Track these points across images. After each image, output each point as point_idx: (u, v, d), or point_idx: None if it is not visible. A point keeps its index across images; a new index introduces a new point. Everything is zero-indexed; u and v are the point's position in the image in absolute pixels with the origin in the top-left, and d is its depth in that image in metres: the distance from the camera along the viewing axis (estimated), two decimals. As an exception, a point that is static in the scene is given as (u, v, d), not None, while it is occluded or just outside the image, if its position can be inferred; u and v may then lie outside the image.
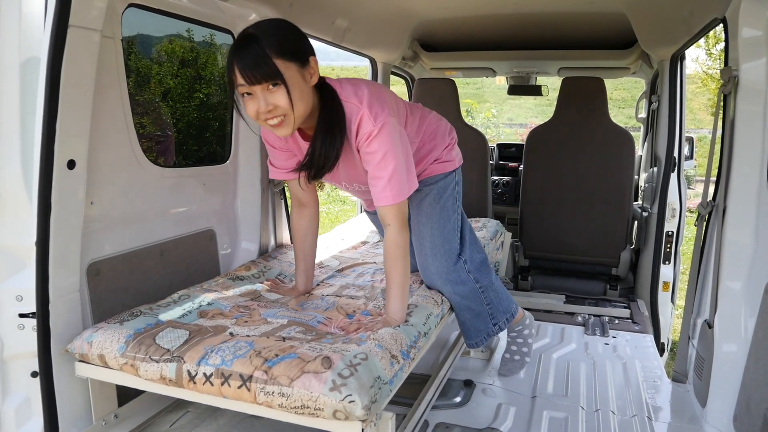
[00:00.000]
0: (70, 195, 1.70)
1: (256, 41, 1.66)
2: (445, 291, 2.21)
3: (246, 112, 1.75)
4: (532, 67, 4.80)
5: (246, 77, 1.66)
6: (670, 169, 3.49)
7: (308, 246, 2.21)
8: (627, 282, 4.11)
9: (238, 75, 1.67)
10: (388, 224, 1.88)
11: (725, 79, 2.21)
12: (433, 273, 2.21)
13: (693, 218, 2.57)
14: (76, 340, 1.68)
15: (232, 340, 1.61)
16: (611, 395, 2.46)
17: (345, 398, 1.37)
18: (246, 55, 1.65)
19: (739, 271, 2.18)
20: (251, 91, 1.69)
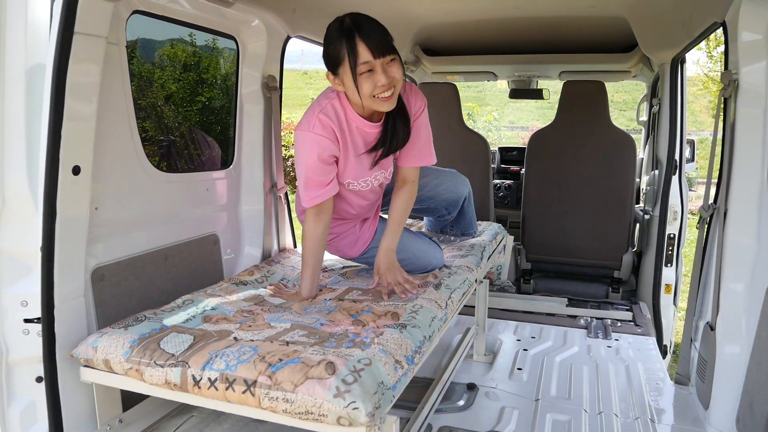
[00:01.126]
0: (75, 201, 1.71)
1: (374, 21, 1.96)
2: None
3: (363, 90, 1.96)
4: (533, 71, 4.81)
5: (373, 52, 1.91)
6: (672, 171, 3.50)
7: (320, 253, 2.25)
8: (629, 285, 4.11)
9: (365, 51, 1.91)
10: (413, 181, 2.31)
11: (725, 82, 2.22)
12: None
13: (694, 220, 2.58)
14: (81, 345, 1.68)
15: (236, 344, 1.62)
16: (614, 398, 2.47)
17: (349, 405, 1.37)
18: (372, 33, 1.92)
19: (741, 273, 2.18)
20: (373, 66, 1.93)
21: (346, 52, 1.95)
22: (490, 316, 3.31)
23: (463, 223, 2.91)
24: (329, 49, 2.01)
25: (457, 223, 2.91)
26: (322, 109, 2.07)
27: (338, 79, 2.02)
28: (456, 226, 2.93)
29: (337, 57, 1.98)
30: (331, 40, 1.99)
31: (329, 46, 2.01)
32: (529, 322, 3.42)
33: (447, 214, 2.81)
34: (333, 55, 2.00)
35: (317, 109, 2.07)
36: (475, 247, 2.81)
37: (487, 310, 2.88)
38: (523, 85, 5.03)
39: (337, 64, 1.99)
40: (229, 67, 2.74)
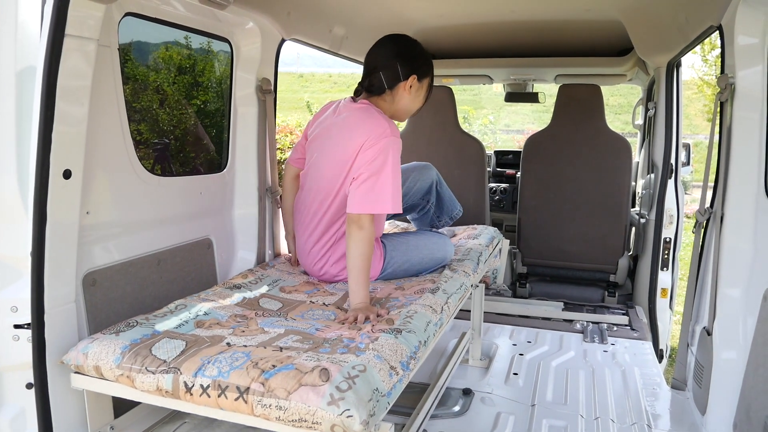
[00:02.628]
0: (66, 205, 1.69)
1: None
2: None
3: (420, 104, 2.40)
4: (529, 75, 4.80)
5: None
6: (667, 175, 3.50)
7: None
8: (625, 289, 4.11)
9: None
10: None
11: (722, 86, 2.22)
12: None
13: (690, 224, 2.57)
14: (71, 351, 1.66)
15: (229, 350, 1.60)
16: (610, 403, 2.45)
17: (343, 413, 1.35)
18: None
19: (738, 277, 2.17)
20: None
21: (433, 72, 2.39)
22: (485, 320, 3.30)
23: (445, 206, 2.95)
24: (428, 57, 2.36)
25: (440, 210, 2.95)
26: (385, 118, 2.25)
27: (420, 84, 2.32)
28: (441, 214, 2.97)
29: (430, 69, 2.36)
30: (428, 54, 2.36)
31: (428, 56, 2.36)
32: (525, 326, 3.41)
33: (426, 203, 2.87)
34: (431, 65, 2.37)
35: (383, 117, 2.23)
36: (472, 251, 2.80)
37: (482, 314, 2.86)
38: (519, 89, 5.03)
39: (429, 73, 2.36)
40: (223, 70, 2.72)
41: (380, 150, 2.11)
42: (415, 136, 4.12)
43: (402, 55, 2.29)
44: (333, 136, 2.30)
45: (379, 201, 2.10)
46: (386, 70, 2.26)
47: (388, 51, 2.31)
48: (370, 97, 2.32)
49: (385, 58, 2.29)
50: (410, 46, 2.33)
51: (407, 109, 2.36)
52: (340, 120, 2.30)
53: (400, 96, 2.30)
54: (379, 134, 2.13)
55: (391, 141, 2.13)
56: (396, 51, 2.30)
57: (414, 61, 2.29)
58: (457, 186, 4.02)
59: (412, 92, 2.31)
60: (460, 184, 4.02)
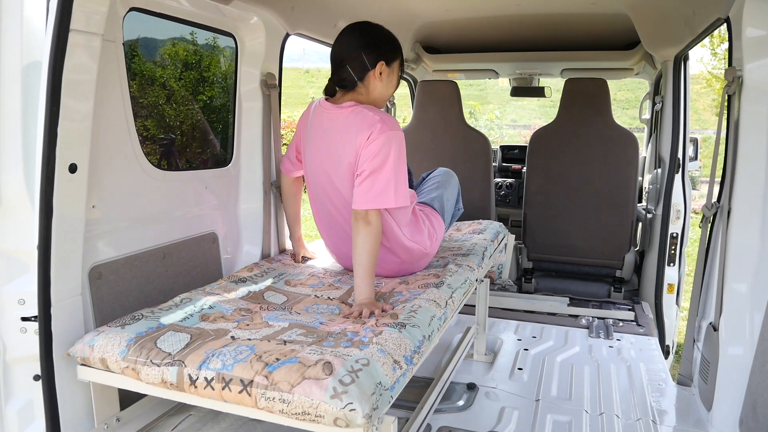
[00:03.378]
0: (72, 199, 1.70)
1: None
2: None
3: (393, 89, 2.34)
4: (534, 69, 4.79)
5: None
6: (674, 170, 3.48)
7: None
8: (631, 284, 4.09)
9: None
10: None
11: (729, 79, 2.20)
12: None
13: (697, 219, 2.56)
14: (77, 344, 1.67)
15: (233, 343, 1.61)
16: (615, 398, 2.45)
17: (346, 406, 1.36)
18: None
19: (745, 273, 2.16)
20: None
21: (401, 52, 2.31)
22: (491, 315, 3.30)
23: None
24: (393, 40, 2.28)
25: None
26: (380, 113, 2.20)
27: (389, 69, 2.25)
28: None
29: (397, 50, 2.29)
30: (393, 36, 2.29)
31: (394, 41, 2.29)
32: (530, 321, 3.40)
33: (458, 211, 2.83)
34: (397, 46, 2.29)
35: (378, 116, 2.16)
36: (477, 246, 2.80)
37: (487, 309, 2.86)
38: (525, 83, 5.01)
39: (395, 57, 2.28)
40: (228, 64, 2.72)
41: (381, 144, 2.09)
42: (420, 131, 4.12)
43: (365, 43, 2.21)
44: (333, 145, 2.23)
45: (383, 196, 2.09)
46: (352, 62, 2.19)
47: (350, 41, 2.23)
48: (346, 93, 2.25)
49: (349, 49, 2.21)
50: (372, 32, 2.25)
51: (382, 96, 2.29)
52: (336, 126, 2.22)
53: (372, 85, 2.23)
54: (379, 129, 2.09)
55: (391, 135, 2.10)
56: (359, 40, 2.22)
57: (378, 47, 2.22)
58: (463, 181, 4.00)
59: (383, 79, 2.24)
60: (465, 178, 4.01)
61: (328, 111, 2.25)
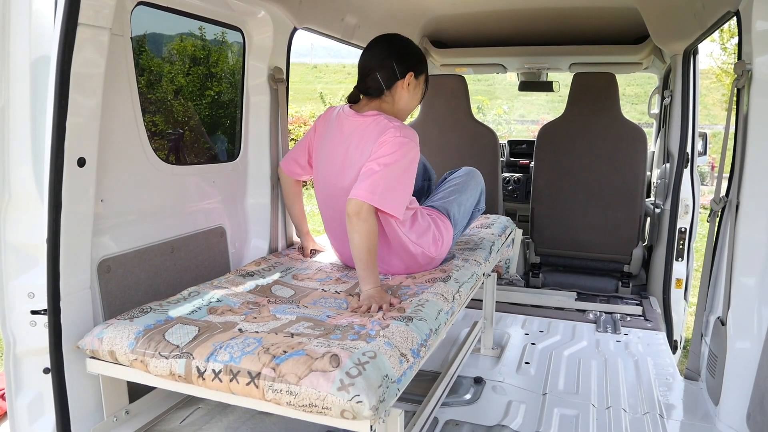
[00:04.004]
0: (80, 192, 1.71)
1: None
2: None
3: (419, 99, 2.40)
4: (543, 63, 4.76)
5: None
6: (683, 165, 3.46)
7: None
8: (639, 279, 4.08)
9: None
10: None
11: (738, 73, 2.18)
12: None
13: (706, 215, 2.54)
14: (86, 337, 1.69)
15: (240, 336, 1.61)
16: (623, 393, 2.45)
17: (353, 398, 1.36)
18: None
19: (753, 267, 2.15)
20: None
21: (428, 69, 2.38)
22: (498, 309, 3.30)
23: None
24: (423, 55, 2.37)
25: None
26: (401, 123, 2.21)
27: (417, 81, 2.30)
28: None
29: (425, 65, 2.35)
30: (422, 51, 2.41)
31: (422, 53, 2.38)
32: (538, 316, 3.40)
33: (479, 212, 2.77)
34: (425, 62, 2.36)
35: (398, 123, 2.18)
36: (484, 240, 2.80)
37: (495, 303, 2.86)
38: (533, 78, 4.99)
39: (424, 69, 2.35)
40: (236, 59, 2.73)
41: (394, 147, 2.08)
42: (427, 125, 4.11)
43: (397, 53, 2.26)
44: (350, 151, 2.22)
45: (377, 195, 2.02)
46: (382, 71, 2.23)
47: (382, 51, 2.27)
48: (370, 101, 2.28)
49: (380, 59, 2.25)
50: (404, 44, 2.31)
51: (407, 107, 2.34)
52: (356, 133, 2.22)
53: (399, 95, 2.28)
54: (394, 134, 2.11)
55: (406, 143, 2.11)
56: (390, 50, 2.27)
57: (410, 58, 2.28)
58: (470, 175, 4.01)
59: (410, 90, 2.29)
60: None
61: (350, 118, 2.27)
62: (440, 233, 2.40)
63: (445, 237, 2.42)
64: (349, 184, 2.18)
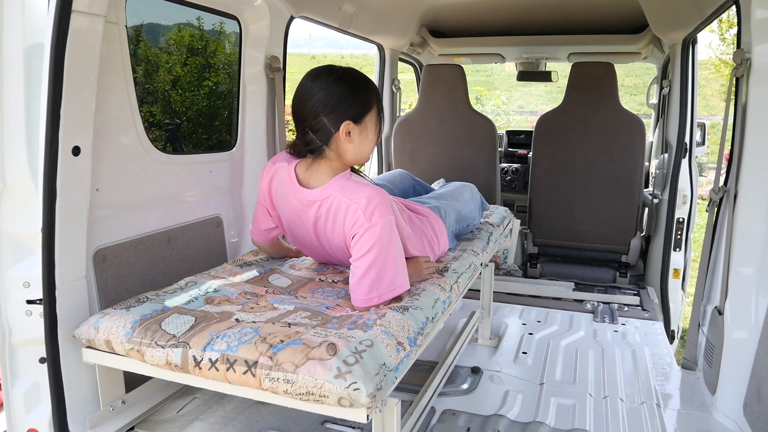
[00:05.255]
0: (76, 181, 1.70)
1: None
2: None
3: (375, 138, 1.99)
4: (541, 53, 4.74)
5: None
6: (681, 155, 3.45)
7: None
8: (637, 269, 4.08)
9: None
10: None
11: (737, 61, 2.17)
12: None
13: (704, 205, 2.54)
14: (83, 326, 1.68)
15: (237, 326, 1.61)
16: (620, 382, 2.45)
17: (350, 386, 1.36)
18: None
19: (751, 256, 2.15)
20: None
21: (375, 99, 1.92)
22: (496, 300, 3.30)
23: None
24: (361, 89, 1.87)
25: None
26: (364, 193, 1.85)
27: (360, 126, 1.87)
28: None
29: (369, 101, 1.89)
30: (362, 83, 1.89)
31: (359, 92, 1.87)
32: (535, 306, 3.40)
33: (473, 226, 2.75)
34: (368, 96, 1.90)
35: (360, 199, 1.81)
36: (482, 231, 2.79)
37: (492, 293, 2.86)
38: (532, 68, 4.97)
39: (368, 109, 1.89)
40: (232, 47, 2.71)
41: (372, 236, 1.78)
42: (425, 116, 4.10)
43: (325, 101, 1.82)
44: (321, 234, 1.99)
45: (385, 287, 1.81)
46: (314, 125, 1.84)
47: (308, 101, 1.84)
48: (315, 159, 1.91)
49: (307, 110, 1.84)
50: (333, 85, 1.83)
51: (357, 157, 1.92)
52: (321, 222, 1.94)
53: (343, 148, 1.87)
54: (365, 222, 1.78)
55: (382, 224, 1.78)
56: (317, 98, 1.82)
57: (341, 104, 1.82)
58: (468, 165, 4.00)
59: (354, 139, 1.87)
60: (471, 163, 4.00)
61: (298, 193, 1.93)
62: (435, 235, 2.34)
63: (440, 238, 2.37)
64: (330, 248, 2.02)
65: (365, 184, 1.87)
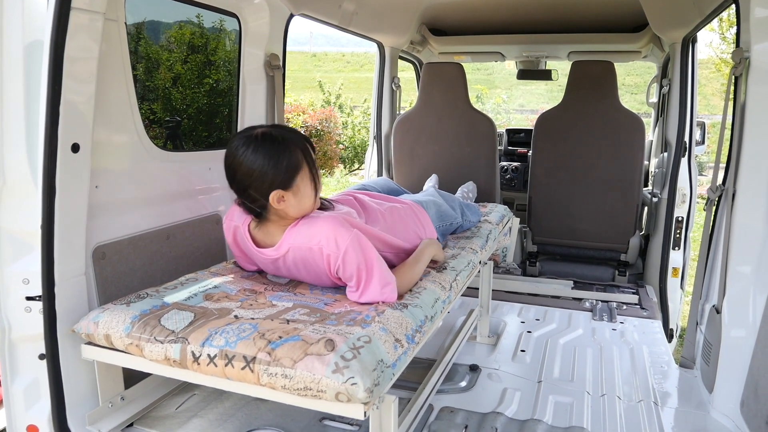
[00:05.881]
0: (75, 178, 1.71)
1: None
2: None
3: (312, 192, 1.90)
4: (541, 51, 4.74)
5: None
6: (681, 153, 3.45)
7: None
8: (636, 268, 4.08)
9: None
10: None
11: (736, 60, 2.18)
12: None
13: (704, 204, 2.54)
14: (82, 321, 1.69)
15: (236, 322, 1.62)
16: (618, 380, 2.46)
17: (347, 381, 1.37)
18: None
19: (749, 255, 2.15)
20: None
21: (302, 155, 1.82)
22: (494, 298, 3.30)
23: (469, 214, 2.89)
24: (279, 162, 1.77)
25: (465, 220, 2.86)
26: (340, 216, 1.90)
27: (291, 189, 1.80)
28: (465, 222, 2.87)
29: (296, 164, 1.80)
30: (277, 150, 1.77)
31: (280, 158, 1.77)
32: (534, 304, 3.41)
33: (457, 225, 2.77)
34: (290, 163, 1.79)
35: (320, 241, 1.81)
36: (481, 229, 2.79)
37: (491, 291, 2.86)
38: (532, 66, 4.97)
39: (295, 171, 1.80)
40: (232, 45, 2.71)
41: (351, 260, 1.79)
42: (425, 114, 4.10)
43: (247, 175, 1.77)
44: (297, 275, 2.01)
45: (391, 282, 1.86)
46: (247, 198, 1.84)
47: (234, 176, 1.81)
48: (261, 221, 1.91)
49: (237, 186, 1.83)
50: (251, 158, 1.76)
51: (303, 209, 1.87)
52: (281, 264, 1.96)
53: (282, 211, 1.84)
54: (338, 255, 1.79)
55: (351, 245, 1.79)
56: (241, 173, 1.78)
57: (264, 177, 1.77)
58: (468, 163, 4.00)
59: (289, 200, 1.81)
60: (470, 161, 4.00)
61: (259, 253, 1.96)
62: (420, 222, 2.38)
63: (425, 226, 2.40)
64: (320, 281, 2.00)
65: (313, 220, 1.85)
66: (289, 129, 1.88)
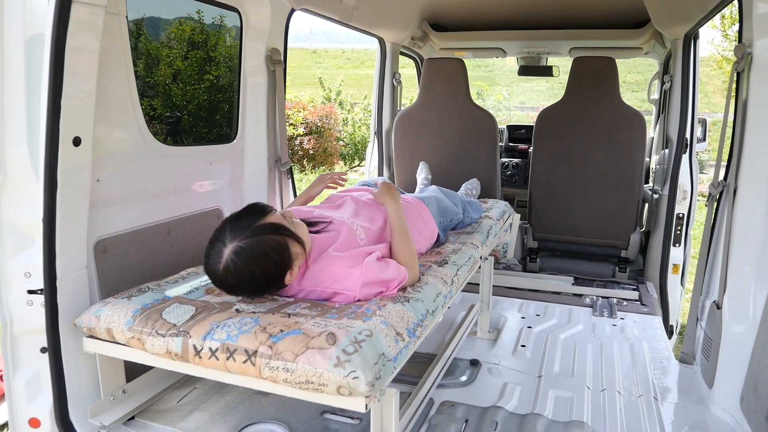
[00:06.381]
0: (76, 172, 1.71)
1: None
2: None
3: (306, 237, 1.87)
4: (542, 48, 4.73)
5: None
6: (682, 150, 3.45)
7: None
8: (636, 264, 4.08)
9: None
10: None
11: (738, 56, 2.18)
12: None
13: (705, 201, 2.54)
14: (84, 314, 1.69)
15: (237, 316, 1.62)
16: (618, 376, 2.46)
17: (349, 374, 1.37)
18: None
19: (749, 251, 2.15)
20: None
21: (277, 236, 1.75)
22: (495, 293, 3.31)
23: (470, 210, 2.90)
24: (281, 256, 1.74)
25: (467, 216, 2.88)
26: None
27: (296, 262, 1.79)
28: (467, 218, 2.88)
29: (283, 260, 1.75)
30: (274, 248, 1.73)
31: (278, 257, 1.73)
32: (534, 300, 3.41)
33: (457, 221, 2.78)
34: (288, 255, 1.76)
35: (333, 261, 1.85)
36: (482, 224, 2.80)
37: (491, 287, 2.87)
38: (533, 62, 4.96)
39: (289, 260, 1.76)
40: (233, 40, 2.71)
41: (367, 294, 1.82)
42: (426, 109, 4.10)
43: (260, 285, 1.76)
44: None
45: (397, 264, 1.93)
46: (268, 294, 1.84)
47: (245, 289, 1.77)
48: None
49: (252, 294, 1.81)
50: (250, 277, 1.71)
51: (305, 257, 1.87)
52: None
53: (295, 273, 1.82)
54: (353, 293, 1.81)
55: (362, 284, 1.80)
56: (251, 287, 1.76)
57: (272, 282, 1.77)
58: (469, 159, 4.00)
59: (295, 267, 1.80)
60: (471, 157, 4.00)
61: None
62: (422, 220, 2.39)
63: (427, 222, 2.41)
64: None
65: (322, 266, 1.85)
66: (247, 226, 1.75)
